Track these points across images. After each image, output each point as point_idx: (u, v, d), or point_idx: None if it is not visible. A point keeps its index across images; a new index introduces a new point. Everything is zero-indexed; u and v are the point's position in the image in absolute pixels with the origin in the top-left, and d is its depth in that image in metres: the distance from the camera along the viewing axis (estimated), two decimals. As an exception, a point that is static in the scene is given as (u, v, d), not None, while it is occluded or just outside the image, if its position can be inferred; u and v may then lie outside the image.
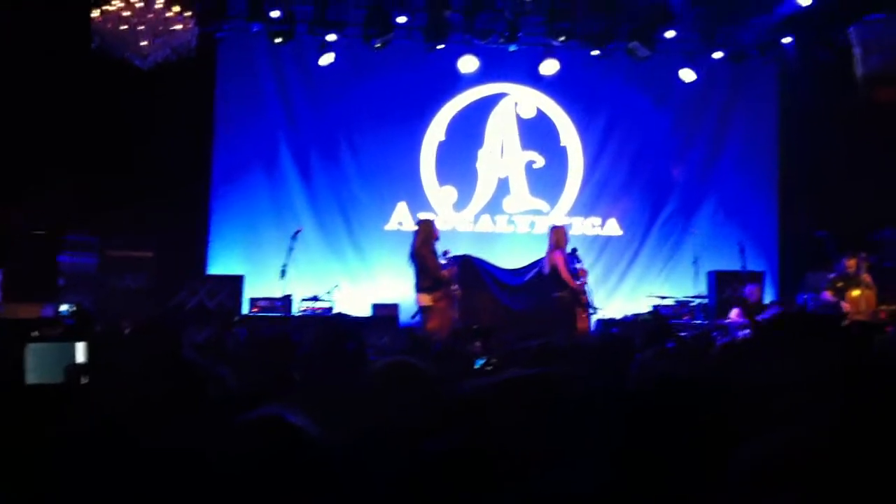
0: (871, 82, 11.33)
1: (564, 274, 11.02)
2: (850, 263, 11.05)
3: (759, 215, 13.80)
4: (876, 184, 12.36)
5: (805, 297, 11.97)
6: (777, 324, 3.12)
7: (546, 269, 11.22)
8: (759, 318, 10.96)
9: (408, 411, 2.07)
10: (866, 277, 10.94)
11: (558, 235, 11.24)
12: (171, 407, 2.75)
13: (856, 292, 10.87)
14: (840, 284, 11.04)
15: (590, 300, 11.18)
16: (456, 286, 10.79)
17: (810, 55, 12.78)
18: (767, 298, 12.79)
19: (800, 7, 11.60)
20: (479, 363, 5.44)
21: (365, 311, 12.22)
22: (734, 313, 11.79)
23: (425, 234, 10.76)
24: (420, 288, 10.65)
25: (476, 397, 1.24)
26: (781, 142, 13.84)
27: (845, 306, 10.81)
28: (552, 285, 11.17)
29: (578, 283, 11.09)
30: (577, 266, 11.17)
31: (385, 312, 11.88)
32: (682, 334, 10.03)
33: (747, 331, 10.37)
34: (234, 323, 8.83)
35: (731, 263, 12.55)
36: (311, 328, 7.84)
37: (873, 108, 12.07)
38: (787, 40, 12.85)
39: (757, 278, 12.37)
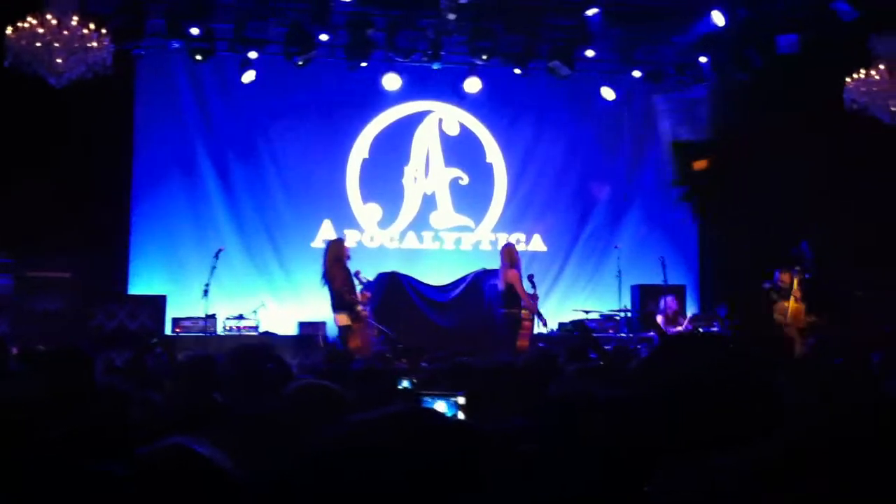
0: (682, 151, 11.72)
1: (521, 291, 11.17)
2: (785, 277, 11.43)
3: (680, 229, 14.07)
4: (792, 197, 12.74)
5: (723, 309, 12.26)
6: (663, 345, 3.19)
7: (501, 286, 11.31)
8: (671, 331, 11.24)
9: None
10: (797, 292, 11.32)
11: (511, 253, 11.41)
12: (83, 435, 2.69)
13: (789, 304, 11.25)
14: (774, 297, 11.39)
15: (543, 317, 11.34)
16: (362, 307, 10.72)
17: (726, 74, 13.12)
18: (690, 311, 13.06)
19: (715, 27, 11.88)
20: (401, 384, 5.42)
21: (291, 329, 12.15)
22: (660, 320, 12.02)
23: (334, 253, 10.64)
24: (336, 307, 10.61)
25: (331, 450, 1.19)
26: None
27: (778, 318, 11.20)
28: (503, 302, 11.30)
29: (533, 302, 11.30)
30: (531, 292, 11.34)
31: (311, 331, 11.82)
32: (607, 347, 10.22)
33: None
34: (153, 345, 8.66)
35: (653, 277, 12.76)
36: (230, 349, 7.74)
37: (788, 125, 12.47)
38: (703, 59, 13.15)
39: (678, 291, 12.61)
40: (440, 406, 2.94)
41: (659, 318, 12.00)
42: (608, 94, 13.39)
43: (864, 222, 12.35)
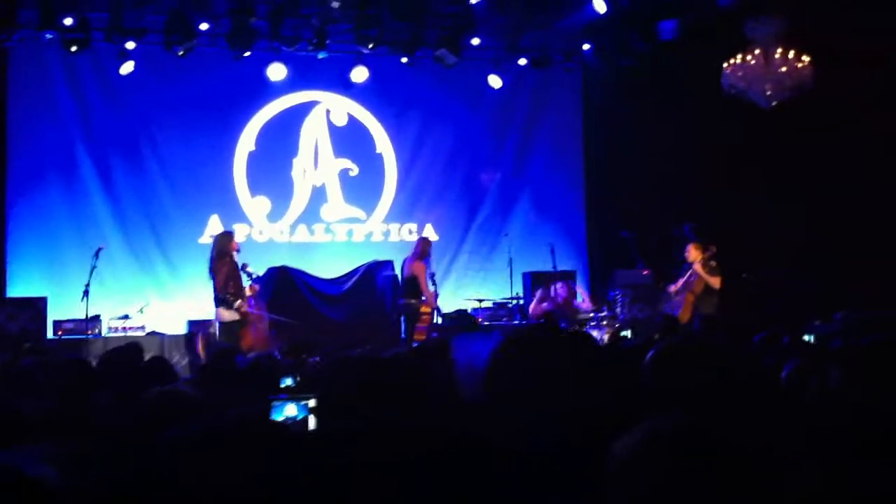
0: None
1: (423, 284, 11.32)
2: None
3: (569, 216, 14.24)
4: (674, 183, 13.05)
5: (614, 293, 12.46)
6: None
7: (406, 273, 11.52)
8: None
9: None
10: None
11: (424, 246, 11.63)
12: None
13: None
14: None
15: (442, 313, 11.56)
16: (247, 302, 10.57)
17: (610, 60, 13.32)
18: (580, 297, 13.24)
19: (597, 14, 12.01)
20: (284, 382, 5.29)
21: (181, 328, 11.83)
22: (543, 306, 12.17)
23: (220, 247, 10.53)
24: (218, 302, 10.42)
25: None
26: (586, 144, 14.34)
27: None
28: (403, 292, 11.36)
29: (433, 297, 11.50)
30: (432, 289, 11.52)
31: (201, 329, 11.53)
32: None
33: None
34: (30, 349, 8.32)
35: (544, 264, 12.87)
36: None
37: (670, 111, 12.75)
38: (587, 46, 13.31)
39: (568, 277, 12.76)
40: (290, 409, 2.85)
41: (543, 305, 12.14)
42: (495, 81, 13.42)
43: (748, 205, 12.73)
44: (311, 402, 2.87)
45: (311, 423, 2.88)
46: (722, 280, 11.32)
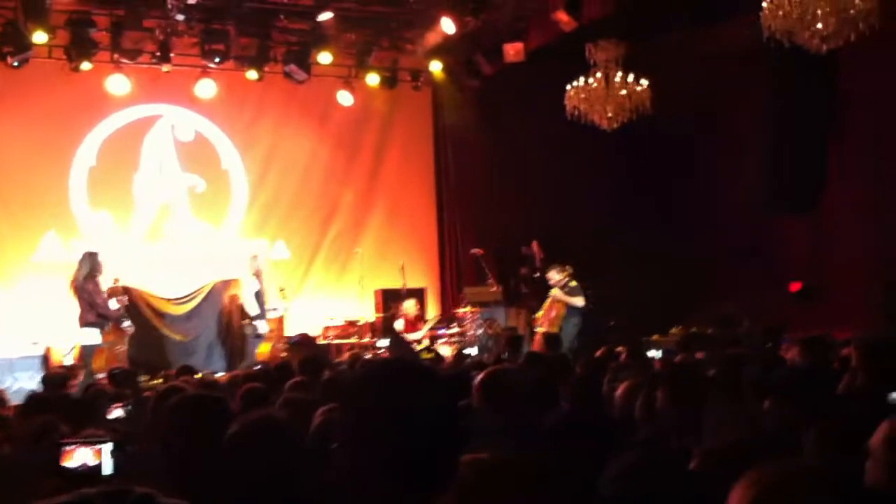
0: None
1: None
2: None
3: (420, 233, 14.31)
4: (520, 200, 13.34)
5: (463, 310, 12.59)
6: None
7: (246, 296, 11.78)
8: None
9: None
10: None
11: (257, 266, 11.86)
12: None
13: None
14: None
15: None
16: (129, 323, 10.58)
17: (458, 80, 13.51)
18: (431, 313, 13.34)
19: (445, 34, 12.14)
20: (113, 414, 5.07)
21: (16, 351, 11.25)
22: (400, 325, 12.21)
23: (89, 266, 10.41)
24: (84, 323, 10.22)
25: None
26: (437, 162, 14.47)
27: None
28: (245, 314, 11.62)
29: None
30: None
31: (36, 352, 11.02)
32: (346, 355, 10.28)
33: None
34: None
35: (395, 281, 12.89)
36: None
37: (518, 130, 13.02)
38: (435, 66, 13.44)
39: (418, 295, 12.82)
40: (82, 454, 2.72)
41: (399, 324, 12.18)
42: (346, 98, 13.37)
43: (594, 222, 13.13)
44: (107, 448, 2.75)
45: (107, 468, 2.76)
46: (585, 298, 11.56)
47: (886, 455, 2.37)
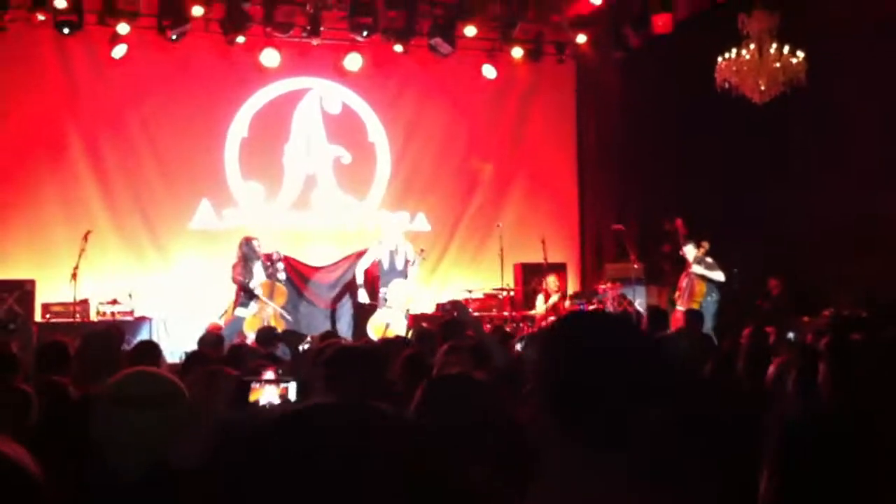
0: None
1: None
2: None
3: (561, 208, 14.21)
4: (666, 176, 13.03)
5: (604, 287, 12.44)
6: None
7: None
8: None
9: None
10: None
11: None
12: None
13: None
14: None
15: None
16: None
17: (604, 53, 13.29)
18: (571, 289, 13.24)
19: (592, 6, 11.98)
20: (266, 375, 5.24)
21: (169, 312, 11.80)
22: (539, 302, 12.18)
23: (243, 253, 11.10)
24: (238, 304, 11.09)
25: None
26: (579, 136, 14.31)
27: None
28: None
29: None
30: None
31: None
32: (488, 326, 10.29)
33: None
34: (11, 330, 8.23)
35: (535, 255, 12.84)
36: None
37: (664, 104, 12.73)
38: (581, 38, 13.27)
39: (559, 270, 12.74)
40: (269, 392, 2.81)
41: (540, 299, 12.15)
42: (489, 71, 13.38)
43: (742, 200, 12.71)
44: (293, 386, 2.86)
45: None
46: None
47: None
